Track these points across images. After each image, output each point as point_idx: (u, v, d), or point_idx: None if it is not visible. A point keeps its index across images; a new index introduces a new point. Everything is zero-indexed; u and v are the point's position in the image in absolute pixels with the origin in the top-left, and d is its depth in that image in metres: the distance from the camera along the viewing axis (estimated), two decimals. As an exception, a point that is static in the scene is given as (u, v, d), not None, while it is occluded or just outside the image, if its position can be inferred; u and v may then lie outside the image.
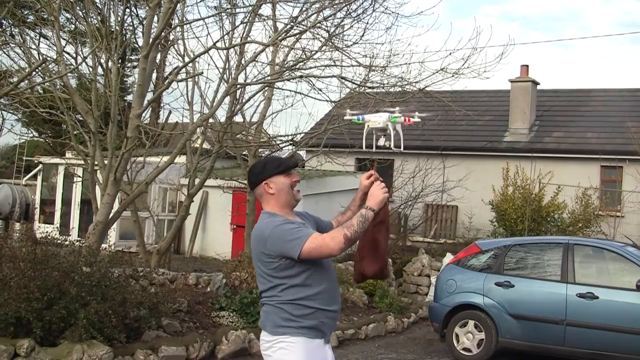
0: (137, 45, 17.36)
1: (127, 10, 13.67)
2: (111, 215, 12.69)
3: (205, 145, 16.40)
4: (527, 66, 27.22)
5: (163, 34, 12.46)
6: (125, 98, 20.86)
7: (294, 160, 5.33)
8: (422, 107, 21.23)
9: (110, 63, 12.86)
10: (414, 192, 22.61)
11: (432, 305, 13.42)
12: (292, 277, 4.94)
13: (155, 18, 12.18)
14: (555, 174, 21.40)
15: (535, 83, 27.13)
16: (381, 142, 9.67)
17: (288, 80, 14.75)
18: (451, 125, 26.09)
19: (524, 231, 19.52)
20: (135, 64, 23.97)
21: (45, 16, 14.43)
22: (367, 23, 14.64)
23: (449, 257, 16.95)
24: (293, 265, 4.90)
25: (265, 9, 16.22)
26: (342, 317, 14.55)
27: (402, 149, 10.37)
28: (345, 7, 13.84)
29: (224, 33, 14.69)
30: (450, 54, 14.52)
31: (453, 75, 14.75)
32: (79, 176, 20.08)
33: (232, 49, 14.45)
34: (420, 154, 24.96)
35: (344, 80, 15.07)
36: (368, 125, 9.69)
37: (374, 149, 9.95)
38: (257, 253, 5.01)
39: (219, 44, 13.10)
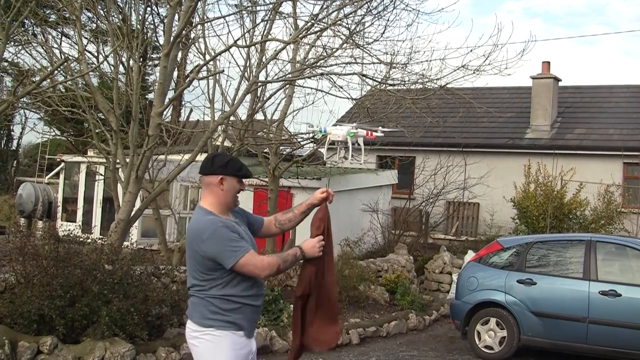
0: (158, 44, 17.40)
1: (148, 8, 13.72)
2: (133, 213, 12.73)
3: (227, 143, 16.41)
4: (549, 62, 27.07)
5: (184, 32, 12.48)
6: (146, 96, 20.92)
7: (248, 171, 5.36)
8: (443, 103, 21.43)
9: (131, 61, 12.90)
10: (435, 190, 22.58)
11: (453, 303, 13.40)
12: (223, 275, 5.07)
13: (176, 16, 12.20)
14: (577, 170, 21.28)
15: (557, 79, 26.96)
16: (341, 154, 9.75)
17: (309, 77, 14.74)
18: (472, 122, 26.04)
19: (545, 228, 19.43)
20: (157, 62, 24.07)
21: (67, 15, 14.49)
22: (388, 20, 14.60)
23: (470, 255, 16.92)
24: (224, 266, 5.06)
25: (286, 7, 16.19)
26: (364, 315, 14.57)
27: (362, 162, 10.39)
28: (366, 5, 13.80)
29: (245, 31, 14.71)
30: (471, 50, 14.46)
31: (474, 72, 14.69)
32: (101, 174, 20.16)
33: (253, 47, 14.46)
34: (441, 151, 24.95)
35: (364, 78, 15.05)
36: (329, 138, 9.73)
37: (338, 161, 9.91)
38: (192, 249, 5.12)
39: (240, 42, 13.11)
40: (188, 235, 5.22)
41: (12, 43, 14.51)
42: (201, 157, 16.87)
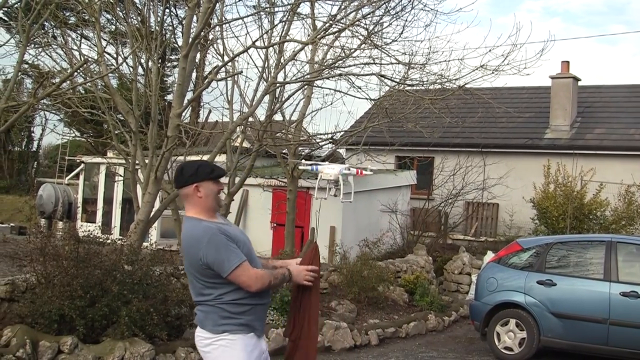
0: (176, 45, 17.44)
1: (167, 10, 13.78)
2: (152, 214, 12.77)
3: (245, 144, 16.44)
4: (568, 62, 26.93)
5: (202, 33, 12.51)
6: (165, 97, 21.00)
7: (223, 169, 5.44)
8: (461, 103, 21.37)
9: (150, 63, 12.95)
10: (454, 190, 22.55)
11: (473, 304, 13.38)
12: (227, 280, 5.11)
13: (195, 18, 12.23)
14: (597, 171, 21.18)
15: (577, 79, 26.83)
16: (332, 192, 9.80)
17: (327, 78, 14.74)
18: (491, 122, 25.98)
19: (565, 229, 19.34)
20: (175, 63, 24.11)
21: (86, 17, 14.55)
22: (406, 20, 14.59)
23: (489, 255, 16.89)
24: None
25: (304, 8, 16.24)
26: (383, 316, 14.56)
27: (351, 200, 10.43)
28: (384, 5, 13.79)
29: (263, 32, 14.73)
30: (490, 50, 14.44)
31: (493, 72, 14.66)
32: (121, 175, 20.25)
33: (271, 48, 14.48)
34: (460, 151, 24.93)
35: (383, 78, 15.03)
36: (321, 176, 9.75)
37: (326, 197, 10.02)
38: (191, 257, 5.16)
39: (258, 43, 13.12)
40: (185, 246, 5.25)
41: (33, 45, 14.58)
42: (220, 158, 16.98)
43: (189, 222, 5.29)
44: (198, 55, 14.56)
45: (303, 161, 14.56)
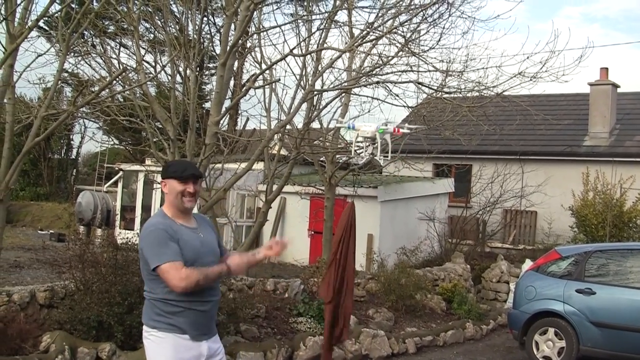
0: (214, 53, 17.53)
1: (205, 19, 13.82)
2: (190, 221, 12.79)
3: (283, 152, 16.46)
4: (607, 69, 26.69)
5: (240, 41, 12.54)
6: (203, 105, 21.07)
7: (192, 172, 5.53)
8: (499, 111, 21.29)
9: (188, 71, 13.00)
10: (492, 198, 22.42)
11: (511, 312, 13.30)
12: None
13: (232, 26, 12.27)
14: (637, 178, 21.03)
15: (615, 86, 26.59)
16: (369, 150, 9.71)
17: (365, 86, 14.73)
18: (529, 129, 25.82)
19: (605, 237, 19.17)
20: (213, 71, 24.24)
21: (125, 26, 14.65)
22: (444, 28, 14.54)
23: (528, 264, 16.76)
24: None
25: (341, 16, 16.22)
26: (421, 324, 14.52)
27: (389, 157, 10.39)
28: (422, 12, 13.75)
29: (301, 40, 14.75)
30: (527, 57, 14.34)
31: (531, 79, 14.55)
32: (159, 183, 20.34)
33: (308, 56, 14.49)
34: (498, 159, 24.79)
35: (420, 86, 14.99)
36: (358, 134, 9.69)
37: (363, 158, 9.99)
38: (139, 249, 5.33)
39: (295, 51, 13.13)
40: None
41: (72, 54, 14.70)
42: (258, 166, 17.02)
43: (155, 213, 5.59)
44: (236, 63, 14.62)
45: (339, 118, 14.51)
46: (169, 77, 13.61)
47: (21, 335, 9.03)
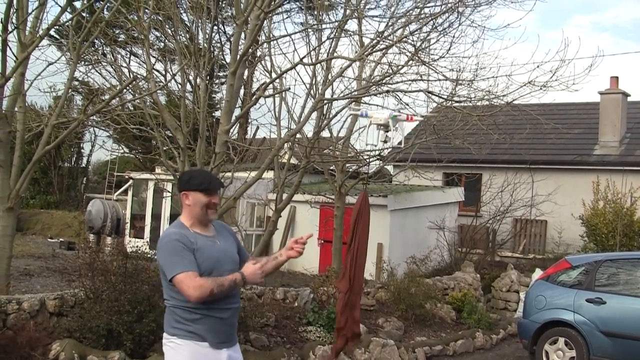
0: (224, 62, 17.53)
1: (215, 27, 13.85)
2: (200, 230, 12.78)
3: (293, 161, 16.46)
4: (617, 78, 26.63)
5: (250, 50, 12.55)
6: (213, 114, 21.11)
7: (217, 183, 5.60)
8: (509, 120, 21.24)
9: (198, 80, 13.02)
10: (502, 207, 22.38)
11: (521, 322, 13.25)
12: None
13: (243, 35, 12.28)
14: (647, 187, 20.95)
15: (626, 95, 26.52)
16: (382, 137, 9.68)
17: (375, 95, 14.72)
18: (539, 138, 25.77)
19: (615, 246, 19.11)
20: (223, 80, 24.27)
21: (135, 35, 14.70)
22: (454, 37, 14.53)
23: (538, 273, 16.70)
24: None
25: (351, 25, 16.24)
26: (430, 333, 14.48)
27: (402, 145, 10.35)
28: (432, 22, 13.76)
29: (311, 49, 14.76)
30: (537, 66, 14.31)
31: (541, 88, 14.53)
32: (169, 191, 20.37)
33: (318, 65, 14.50)
34: (508, 168, 24.76)
35: (431, 95, 14.99)
36: (371, 121, 9.68)
37: (376, 145, 9.97)
38: (157, 258, 5.35)
39: (305, 60, 13.14)
40: None
41: (83, 62, 14.76)
42: (268, 175, 17.02)
43: (173, 224, 5.52)
44: (246, 72, 14.63)
45: (352, 105, 14.50)
46: (179, 86, 13.62)
47: (31, 344, 9.02)
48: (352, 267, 6.45)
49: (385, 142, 9.87)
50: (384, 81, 14.35)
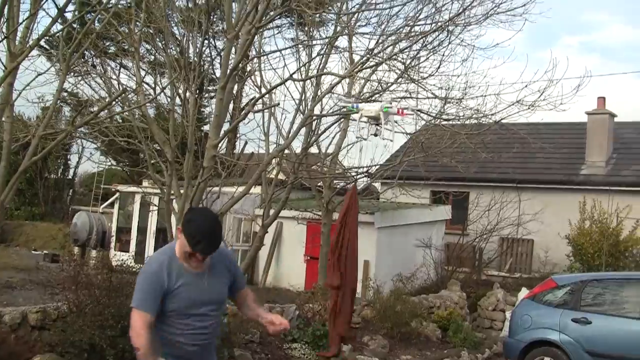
0: (214, 76, 17.55)
1: (206, 41, 13.82)
2: (186, 244, 12.71)
3: (281, 176, 16.43)
4: (604, 98, 26.78)
5: (240, 65, 12.54)
6: (202, 128, 21.10)
7: (205, 251, 5.12)
8: (497, 139, 21.27)
9: (188, 93, 12.98)
10: (489, 225, 22.39)
11: (507, 341, 13.24)
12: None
13: (233, 49, 12.27)
14: (633, 208, 21.02)
15: (613, 115, 26.68)
16: (372, 130, 9.65)
17: (364, 139, 14.74)
18: (527, 157, 25.86)
19: (601, 266, 19.12)
20: (213, 94, 24.24)
21: (126, 47, 14.66)
22: (443, 55, 14.60)
23: (524, 292, 16.70)
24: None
25: (342, 41, 16.27)
26: (416, 352, 14.43)
27: (392, 139, 10.35)
28: (421, 40, 13.80)
29: (301, 65, 14.78)
30: (526, 86, 14.40)
31: (529, 108, 14.62)
32: (155, 205, 20.30)
33: (308, 81, 14.50)
34: (495, 186, 24.79)
35: (419, 112, 15.01)
36: (362, 114, 9.66)
37: (367, 138, 9.94)
38: None
39: (295, 76, 13.14)
40: None
41: (72, 74, 14.69)
42: (255, 190, 16.98)
43: (164, 248, 5.42)
44: (236, 87, 14.60)
45: (343, 97, 14.48)
46: (169, 99, 13.60)
47: (11, 357, 8.94)
48: (343, 260, 6.35)
49: (375, 135, 9.84)
50: (373, 98, 14.36)
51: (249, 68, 15.48)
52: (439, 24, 13.74)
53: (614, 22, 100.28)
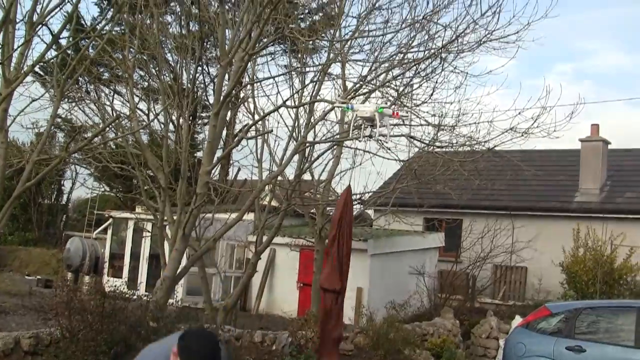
0: (208, 103, 17.57)
1: (199, 68, 13.88)
2: (179, 270, 12.73)
3: (274, 203, 16.45)
4: (598, 125, 26.86)
5: (234, 91, 12.60)
6: (195, 155, 21.11)
7: None
8: (491, 166, 21.30)
9: (181, 120, 13.02)
10: (483, 253, 22.37)
11: (500, 369, 13.19)
12: None
13: (226, 76, 12.32)
14: (627, 235, 21.02)
15: (606, 142, 26.77)
16: (367, 131, 9.67)
17: (357, 138, 14.78)
18: (520, 184, 25.89)
19: (595, 294, 19.10)
20: (206, 121, 24.29)
21: (119, 73, 14.71)
22: (436, 82, 14.66)
23: (518, 320, 16.66)
24: None
25: (335, 68, 16.32)
26: (408, 379, 14.37)
27: (387, 138, 10.36)
28: (415, 67, 13.86)
29: (294, 92, 14.83)
30: (519, 113, 14.44)
31: (522, 135, 14.63)
32: (148, 231, 20.28)
33: (301, 108, 14.54)
34: (489, 214, 24.76)
35: (412, 140, 15.05)
36: (356, 115, 9.68)
37: (361, 139, 9.95)
38: None
39: (288, 102, 13.20)
40: None
41: (66, 100, 14.74)
42: (248, 216, 16.98)
43: (159, 352, 4.99)
44: (229, 114, 14.66)
45: (337, 98, 14.48)
46: (162, 126, 13.63)
47: (4, 383, 8.91)
48: (343, 263, 6.26)
49: (370, 137, 9.86)
50: (366, 125, 14.39)
51: (242, 95, 15.55)
52: (432, 51, 13.81)
53: (607, 50, 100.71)
